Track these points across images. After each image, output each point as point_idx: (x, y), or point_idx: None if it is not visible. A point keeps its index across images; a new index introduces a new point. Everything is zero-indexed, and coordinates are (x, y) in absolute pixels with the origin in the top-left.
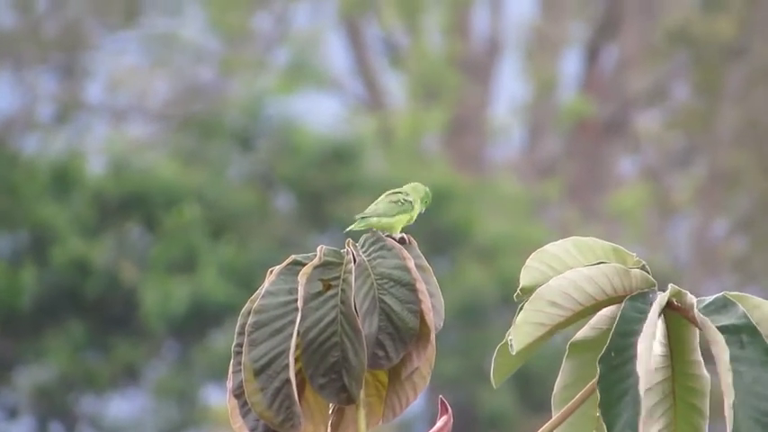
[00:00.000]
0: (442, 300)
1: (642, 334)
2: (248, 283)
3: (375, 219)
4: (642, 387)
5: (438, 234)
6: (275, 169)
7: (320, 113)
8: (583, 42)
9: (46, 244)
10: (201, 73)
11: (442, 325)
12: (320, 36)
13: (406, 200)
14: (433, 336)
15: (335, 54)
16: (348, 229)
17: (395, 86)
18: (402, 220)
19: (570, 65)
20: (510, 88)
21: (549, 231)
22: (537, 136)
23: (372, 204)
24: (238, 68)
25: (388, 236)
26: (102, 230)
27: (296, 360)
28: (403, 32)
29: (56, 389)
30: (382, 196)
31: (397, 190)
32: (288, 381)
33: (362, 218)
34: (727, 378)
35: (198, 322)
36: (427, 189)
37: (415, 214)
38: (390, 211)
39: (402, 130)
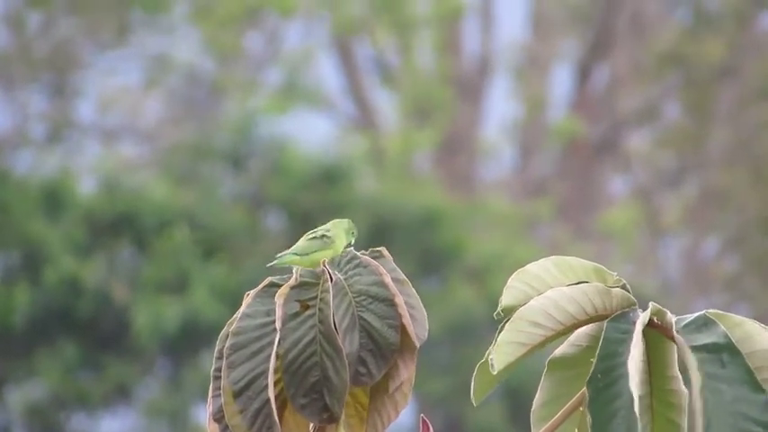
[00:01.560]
0: (424, 311)
1: (630, 356)
2: (239, 302)
3: (291, 257)
4: (637, 409)
5: (429, 253)
6: (266, 189)
7: (312, 133)
8: (574, 62)
9: (38, 263)
10: (193, 93)
11: (426, 336)
12: (312, 56)
13: (325, 235)
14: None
15: (327, 74)
16: (269, 265)
17: (386, 106)
18: (324, 255)
19: (561, 84)
20: (501, 108)
21: (539, 250)
22: (528, 155)
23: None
24: (230, 88)
25: (363, 253)
26: (94, 250)
27: (276, 381)
28: (394, 52)
29: (48, 407)
30: (303, 237)
31: (317, 228)
32: (267, 401)
33: (280, 256)
34: (699, 403)
35: (189, 342)
36: (350, 222)
37: (339, 248)
38: (308, 248)
39: (393, 149)
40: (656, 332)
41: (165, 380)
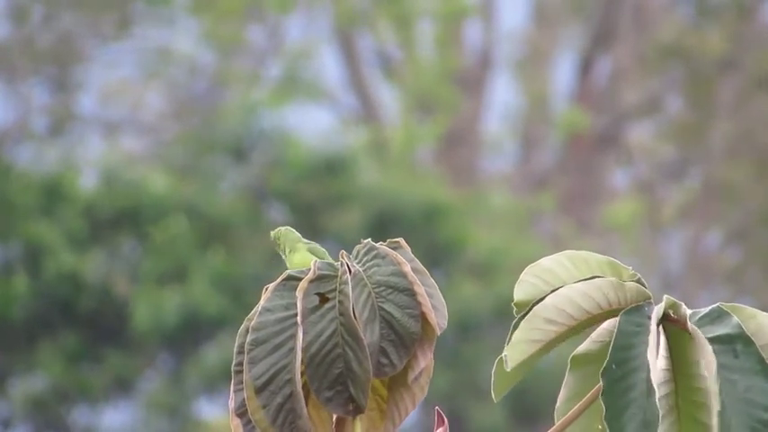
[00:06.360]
0: (443, 299)
1: (649, 347)
2: (241, 295)
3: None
4: (657, 397)
5: (431, 247)
6: (268, 181)
7: (313, 126)
8: (576, 54)
9: (38, 256)
10: (195, 85)
11: (446, 324)
12: (314, 49)
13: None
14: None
15: (329, 66)
16: None
17: (388, 99)
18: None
19: (563, 77)
20: (502, 100)
21: (542, 245)
22: (530, 148)
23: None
24: (232, 81)
25: (381, 244)
26: (94, 243)
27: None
28: (396, 45)
29: (49, 400)
30: None
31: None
32: (291, 395)
33: None
34: (714, 387)
35: (190, 335)
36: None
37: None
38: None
39: (396, 142)
40: (675, 327)
41: (166, 373)
